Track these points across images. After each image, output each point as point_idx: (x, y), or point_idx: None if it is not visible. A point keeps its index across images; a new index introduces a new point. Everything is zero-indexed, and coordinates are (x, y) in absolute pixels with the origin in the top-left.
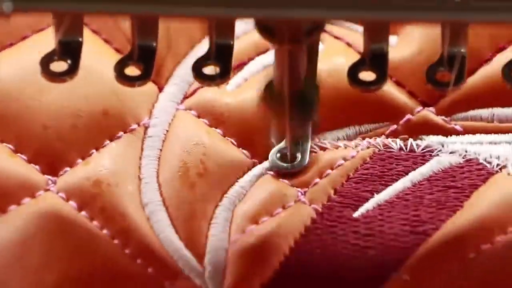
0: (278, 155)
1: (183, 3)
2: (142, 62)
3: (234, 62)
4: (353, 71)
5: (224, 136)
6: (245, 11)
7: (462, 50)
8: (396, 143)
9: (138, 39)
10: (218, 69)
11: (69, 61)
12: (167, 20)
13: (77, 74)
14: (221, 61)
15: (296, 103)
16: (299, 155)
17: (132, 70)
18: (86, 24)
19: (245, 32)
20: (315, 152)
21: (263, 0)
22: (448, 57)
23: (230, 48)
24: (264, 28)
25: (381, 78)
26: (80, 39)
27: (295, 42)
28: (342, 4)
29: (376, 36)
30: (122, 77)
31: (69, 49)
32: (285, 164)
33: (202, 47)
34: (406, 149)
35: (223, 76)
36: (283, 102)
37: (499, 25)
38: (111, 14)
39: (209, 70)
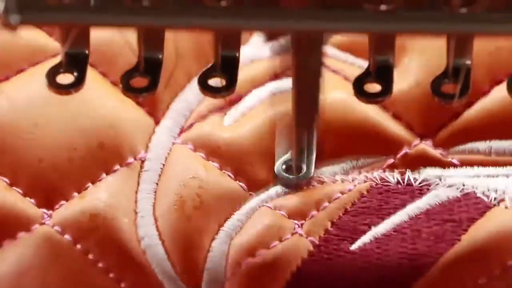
0: (284, 166)
1: (188, 15)
2: (149, 74)
3: (231, 96)
4: (359, 83)
5: (221, 169)
6: (251, 23)
7: (467, 62)
8: (393, 177)
9: (144, 51)
10: (223, 81)
11: (75, 73)
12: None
13: (83, 87)
14: (226, 73)
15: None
16: (304, 167)
17: (137, 82)
18: None
19: (241, 67)
20: (313, 186)
21: (268, 12)
22: (453, 69)
23: (236, 60)
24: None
25: (387, 90)
26: (87, 51)
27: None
28: (349, 16)
29: (382, 48)
30: (128, 89)
31: (76, 61)
32: (291, 176)
33: None
34: (404, 182)
35: (229, 88)
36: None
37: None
38: (117, 26)
39: (215, 82)
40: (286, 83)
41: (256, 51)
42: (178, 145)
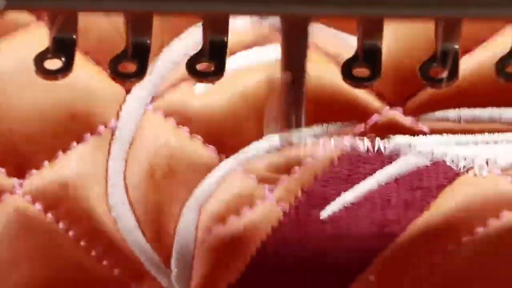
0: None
1: None
2: (137, 59)
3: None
4: (347, 67)
5: (191, 136)
6: (239, 7)
7: (455, 46)
8: (363, 144)
9: (132, 36)
10: (212, 66)
11: (63, 59)
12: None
13: (71, 72)
14: (215, 58)
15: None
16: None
17: (124, 67)
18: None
19: None
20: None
21: None
22: (442, 54)
23: (224, 45)
24: None
25: (375, 74)
26: (74, 36)
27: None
28: (336, 0)
29: (370, 32)
30: (116, 74)
31: (63, 46)
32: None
33: (171, 50)
34: (373, 150)
35: (217, 73)
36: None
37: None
38: (104, 10)
39: (203, 67)
40: (258, 52)
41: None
42: (149, 114)
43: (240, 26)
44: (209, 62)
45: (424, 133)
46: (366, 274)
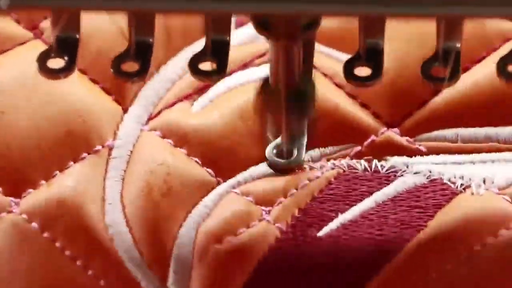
0: (275, 151)
1: None
2: (139, 58)
3: (198, 84)
4: (349, 66)
5: (189, 156)
6: (242, 6)
7: (457, 45)
8: (360, 164)
9: (135, 36)
10: (214, 65)
11: (66, 58)
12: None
13: (74, 71)
14: (217, 57)
15: (292, 99)
16: (295, 151)
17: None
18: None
19: None
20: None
21: None
22: (443, 53)
23: (227, 44)
24: (260, 23)
25: (377, 73)
26: (77, 36)
27: (291, 38)
28: None
29: (372, 31)
30: (119, 74)
31: (66, 46)
32: (282, 160)
33: (167, 69)
34: (371, 170)
35: (220, 72)
36: (279, 98)
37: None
38: (107, 9)
39: (206, 66)
40: (254, 72)
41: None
42: (146, 132)
43: (238, 42)
44: (212, 61)
45: (421, 153)
46: None
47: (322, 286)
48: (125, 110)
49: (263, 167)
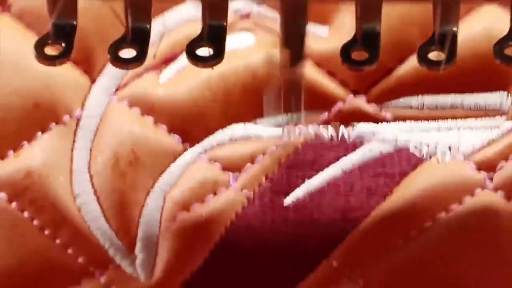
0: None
1: None
2: (136, 44)
3: (167, 54)
4: (346, 50)
5: (156, 124)
6: None
7: (453, 29)
8: (327, 131)
9: (131, 22)
10: (211, 50)
11: (63, 44)
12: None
13: (70, 58)
14: (214, 42)
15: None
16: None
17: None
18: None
19: (175, 27)
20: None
21: None
22: (439, 36)
23: (223, 29)
24: None
25: (373, 57)
26: (74, 22)
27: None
28: None
29: (368, 15)
30: (116, 60)
31: (63, 32)
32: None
33: None
34: (338, 137)
35: (217, 57)
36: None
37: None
38: None
39: (203, 51)
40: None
41: (191, 11)
42: (114, 103)
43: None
44: (209, 46)
45: (388, 121)
46: (330, 260)
47: (288, 254)
48: (93, 81)
49: (229, 132)
